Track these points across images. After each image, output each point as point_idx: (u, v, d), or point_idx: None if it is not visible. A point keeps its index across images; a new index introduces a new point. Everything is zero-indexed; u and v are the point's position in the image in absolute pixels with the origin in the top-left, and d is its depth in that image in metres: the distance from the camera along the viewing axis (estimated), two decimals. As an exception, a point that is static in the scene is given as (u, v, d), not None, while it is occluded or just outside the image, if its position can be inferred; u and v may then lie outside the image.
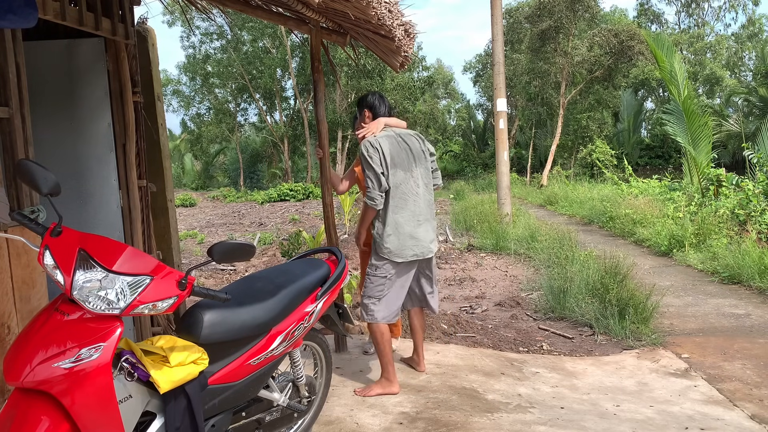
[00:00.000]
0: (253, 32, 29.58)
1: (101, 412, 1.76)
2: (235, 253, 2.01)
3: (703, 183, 10.94)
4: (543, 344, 4.75)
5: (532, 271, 7.66)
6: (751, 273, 6.46)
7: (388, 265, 3.49)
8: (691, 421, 3.27)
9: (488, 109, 34.81)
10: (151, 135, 4.15)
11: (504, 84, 11.41)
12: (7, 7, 2.37)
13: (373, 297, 3.52)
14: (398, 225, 3.46)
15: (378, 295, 3.51)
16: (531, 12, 23.89)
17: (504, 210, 11.20)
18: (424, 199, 3.58)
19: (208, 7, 4.30)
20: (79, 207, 3.59)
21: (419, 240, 3.51)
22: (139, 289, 1.84)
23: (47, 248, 1.84)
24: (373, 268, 3.53)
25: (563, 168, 25.27)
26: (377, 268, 3.51)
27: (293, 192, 22.68)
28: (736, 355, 4.39)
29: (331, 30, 4.51)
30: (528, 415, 3.31)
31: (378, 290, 3.52)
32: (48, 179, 1.88)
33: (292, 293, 2.53)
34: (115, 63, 3.57)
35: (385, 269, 3.49)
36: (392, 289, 3.53)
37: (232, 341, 2.27)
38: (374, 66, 24.55)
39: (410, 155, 3.55)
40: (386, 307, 3.52)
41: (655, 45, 11.89)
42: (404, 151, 3.54)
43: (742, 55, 34.90)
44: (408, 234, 3.47)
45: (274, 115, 34.11)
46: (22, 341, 1.78)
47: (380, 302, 3.51)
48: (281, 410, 2.65)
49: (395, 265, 3.49)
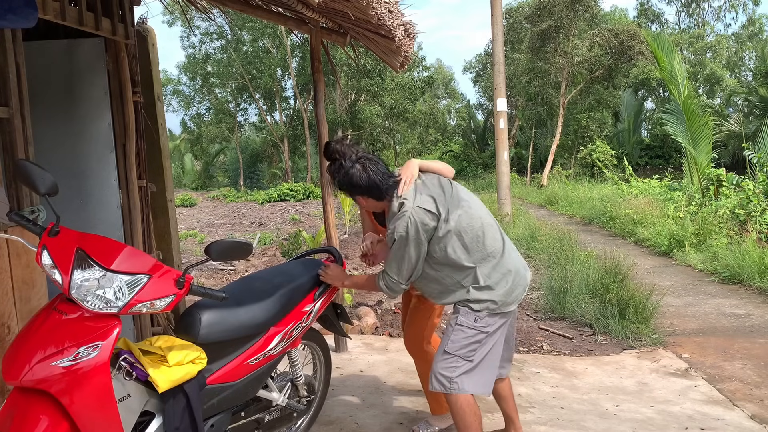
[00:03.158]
0: (253, 32, 29.60)
1: (100, 411, 1.76)
2: (232, 252, 2.01)
3: (703, 183, 10.93)
4: (543, 344, 4.75)
5: (532, 271, 7.63)
6: (751, 273, 6.46)
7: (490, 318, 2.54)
8: (692, 421, 3.27)
9: (488, 109, 34.79)
10: (151, 135, 4.15)
11: (504, 84, 11.41)
12: (7, 7, 2.37)
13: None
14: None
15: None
16: (531, 12, 23.89)
17: (504, 210, 11.20)
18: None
19: (208, 7, 4.30)
20: (79, 207, 3.58)
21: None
22: (137, 288, 1.84)
23: (45, 248, 1.84)
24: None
25: (563, 168, 25.26)
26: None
27: (293, 192, 22.70)
28: (736, 355, 4.39)
29: (331, 30, 4.51)
30: (528, 415, 3.31)
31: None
32: (45, 179, 1.88)
33: (290, 293, 2.53)
34: (115, 63, 3.57)
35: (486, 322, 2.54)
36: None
37: (230, 341, 2.27)
38: (374, 66, 24.56)
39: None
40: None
41: (655, 45, 11.88)
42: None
43: (742, 55, 34.89)
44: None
45: (274, 115, 34.13)
46: (21, 340, 1.78)
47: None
48: (280, 410, 2.65)
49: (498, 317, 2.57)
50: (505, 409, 2.92)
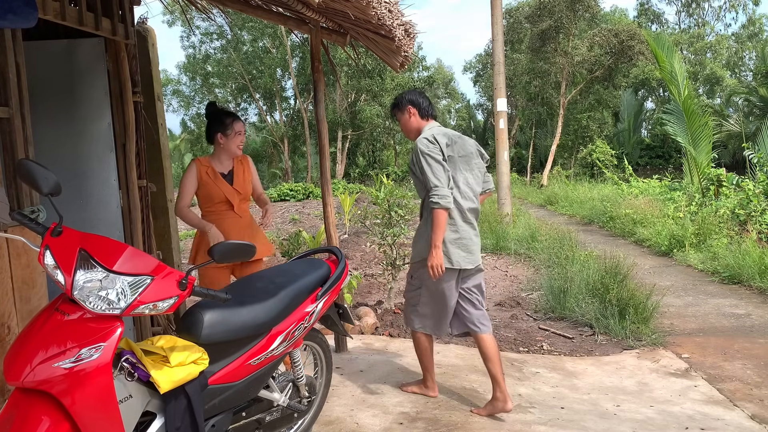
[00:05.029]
0: (253, 32, 29.61)
1: (101, 412, 1.76)
2: (235, 253, 2.01)
3: (703, 183, 10.93)
4: (543, 344, 4.75)
5: (532, 271, 7.66)
6: (751, 273, 6.46)
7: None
8: (692, 421, 3.27)
9: (488, 109, 34.83)
10: (151, 135, 4.15)
11: (504, 84, 11.42)
12: (7, 7, 2.37)
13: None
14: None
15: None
16: (531, 12, 23.91)
17: (504, 210, 11.20)
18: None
19: (208, 7, 4.30)
20: (79, 207, 3.58)
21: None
22: (140, 289, 1.84)
23: (48, 248, 1.84)
24: None
25: (563, 168, 25.29)
26: None
27: (293, 192, 22.68)
28: (736, 355, 4.39)
29: (331, 30, 4.51)
30: (528, 415, 3.31)
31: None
32: (49, 179, 1.88)
33: (292, 293, 2.52)
34: (115, 63, 3.57)
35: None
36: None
37: (232, 341, 2.27)
38: (374, 66, 24.57)
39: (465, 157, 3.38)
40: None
41: (655, 45, 11.89)
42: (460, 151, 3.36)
43: (742, 55, 34.92)
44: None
45: (274, 115, 34.15)
46: (22, 341, 1.77)
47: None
48: (281, 410, 2.65)
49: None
50: (490, 370, 3.31)
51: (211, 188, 3.45)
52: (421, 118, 3.47)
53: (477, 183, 3.42)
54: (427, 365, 3.53)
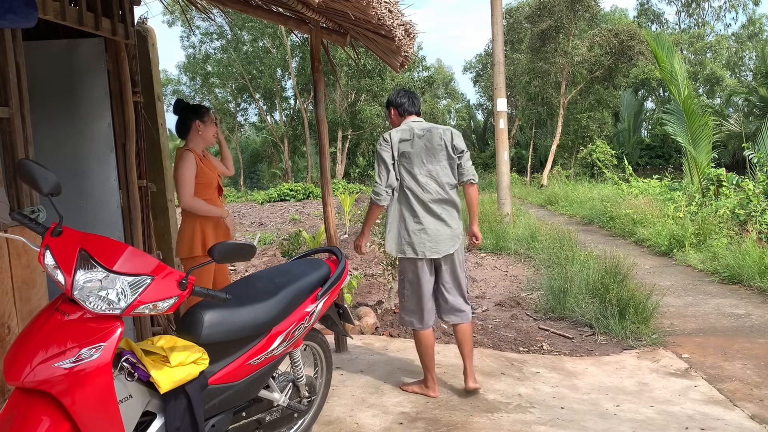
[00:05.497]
0: (253, 32, 29.62)
1: (101, 412, 1.76)
2: (235, 253, 2.02)
3: (703, 183, 10.93)
4: (543, 344, 4.75)
5: (532, 271, 7.66)
6: (751, 273, 6.46)
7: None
8: (692, 421, 3.27)
9: (488, 109, 34.83)
10: (151, 135, 4.15)
11: (504, 84, 11.41)
12: (7, 7, 2.37)
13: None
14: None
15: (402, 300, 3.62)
16: (531, 12, 23.91)
17: (504, 210, 11.19)
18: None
19: (208, 7, 4.30)
20: (79, 207, 3.58)
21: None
22: (140, 289, 1.84)
23: (48, 248, 1.84)
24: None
25: (563, 168, 25.28)
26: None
27: (293, 192, 22.68)
28: (736, 355, 4.39)
29: (331, 30, 4.51)
30: (528, 415, 3.31)
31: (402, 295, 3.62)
32: (49, 179, 1.88)
33: (292, 293, 2.52)
34: (115, 63, 3.57)
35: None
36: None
37: (232, 341, 2.27)
38: (374, 66, 24.57)
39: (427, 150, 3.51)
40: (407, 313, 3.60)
41: (655, 45, 11.88)
42: (421, 146, 3.49)
43: (742, 55, 34.90)
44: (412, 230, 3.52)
45: (274, 115, 34.14)
46: (22, 341, 1.77)
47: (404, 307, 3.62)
48: (281, 410, 2.65)
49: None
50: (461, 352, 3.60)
51: (208, 175, 3.56)
52: (400, 116, 3.67)
53: (446, 174, 3.54)
54: (428, 365, 3.54)
